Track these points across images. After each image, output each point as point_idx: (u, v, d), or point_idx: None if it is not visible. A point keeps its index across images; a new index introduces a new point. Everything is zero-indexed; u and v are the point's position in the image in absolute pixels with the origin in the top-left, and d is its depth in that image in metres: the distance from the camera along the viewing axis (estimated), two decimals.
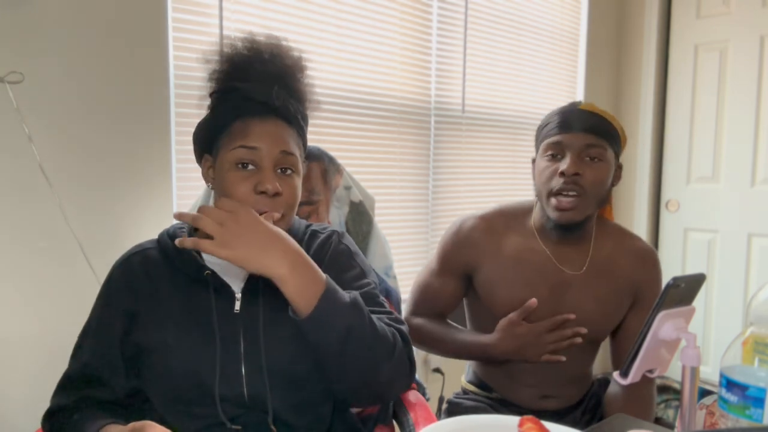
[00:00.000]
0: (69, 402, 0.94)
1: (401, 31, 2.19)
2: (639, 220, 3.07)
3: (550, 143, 1.21)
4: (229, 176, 0.91)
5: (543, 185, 1.22)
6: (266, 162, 0.91)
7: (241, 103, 0.93)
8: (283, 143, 0.92)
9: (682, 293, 0.79)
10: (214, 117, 0.96)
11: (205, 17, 1.70)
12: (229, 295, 0.93)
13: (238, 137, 0.91)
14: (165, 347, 0.90)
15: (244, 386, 0.90)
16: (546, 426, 0.79)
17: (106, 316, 0.96)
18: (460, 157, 2.47)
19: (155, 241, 1.01)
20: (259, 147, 0.90)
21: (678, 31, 2.91)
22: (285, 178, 0.93)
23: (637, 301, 1.27)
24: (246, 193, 0.90)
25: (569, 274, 1.25)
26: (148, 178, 1.62)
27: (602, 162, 1.19)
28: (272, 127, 0.92)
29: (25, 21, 1.40)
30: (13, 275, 1.43)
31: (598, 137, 1.18)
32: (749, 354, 0.73)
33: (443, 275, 1.36)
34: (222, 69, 0.96)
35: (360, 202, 1.44)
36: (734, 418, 0.72)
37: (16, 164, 1.41)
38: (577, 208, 1.17)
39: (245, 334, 0.91)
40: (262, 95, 0.92)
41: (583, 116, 1.19)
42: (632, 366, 0.80)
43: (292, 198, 0.94)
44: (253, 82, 0.93)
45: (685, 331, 0.79)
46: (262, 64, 0.94)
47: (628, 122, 3.10)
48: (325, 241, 1.02)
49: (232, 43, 0.96)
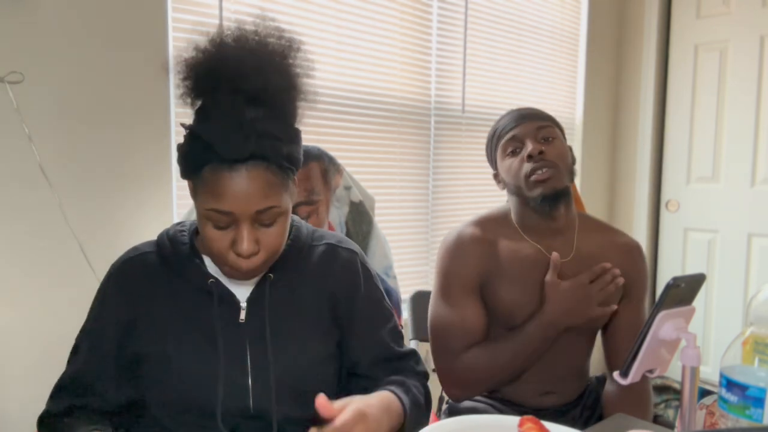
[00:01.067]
0: (60, 409, 0.92)
1: (401, 31, 2.19)
2: (639, 220, 3.07)
3: (507, 141, 1.29)
4: (207, 230, 0.84)
5: (515, 177, 1.27)
6: (242, 222, 0.82)
7: (208, 150, 0.79)
8: (258, 201, 0.80)
9: (682, 293, 0.79)
10: (184, 155, 0.84)
11: (205, 17, 1.70)
12: (233, 305, 0.90)
13: (209, 194, 0.80)
14: (164, 357, 0.88)
15: (251, 399, 0.88)
16: (546, 426, 0.79)
17: (100, 325, 0.93)
18: (460, 157, 2.47)
19: (153, 243, 0.96)
20: (231, 211, 0.80)
21: (678, 31, 2.91)
22: (265, 229, 0.84)
23: (626, 295, 1.29)
24: (222, 250, 0.84)
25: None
26: (148, 178, 1.62)
27: (556, 139, 1.28)
28: (245, 182, 0.79)
29: (25, 21, 1.40)
30: (13, 275, 1.43)
31: (545, 120, 1.30)
32: (749, 354, 0.73)
33: (467, 298, 1.27)
34: (185, 83, 0.83)
35: (360, 202, 1.44)
36: (734, 418, 0.72)
37: (16, 164, 1.41)
38: (555, 177, 1.23)
39: (251, 346, 0.89)
40: (227, 147, 0.78)
41: (525, 110, 1.32)
42: (632, 366, 0.80)
43: (274, 246, 0.86)
44: (221, 108, 0.79)
45: (685, 331, 0.79)
46: (237, 74, 0.79)
47: (628, 123, 3.10)
48: (349, 265, 1.00)
49: (198, 45, 0.82)
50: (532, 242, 1.28)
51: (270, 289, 0.92)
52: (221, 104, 0.80)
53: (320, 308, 0.96)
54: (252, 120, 0.79)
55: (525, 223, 1.30)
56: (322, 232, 1.03)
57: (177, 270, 0.91)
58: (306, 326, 0.94)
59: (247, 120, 0.79)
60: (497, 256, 1.27)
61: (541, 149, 1.23)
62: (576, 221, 1.32)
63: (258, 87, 0.79)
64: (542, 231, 1.28)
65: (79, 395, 0.92)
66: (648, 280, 1.35)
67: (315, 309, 0.95)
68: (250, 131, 0.78)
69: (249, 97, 0.79)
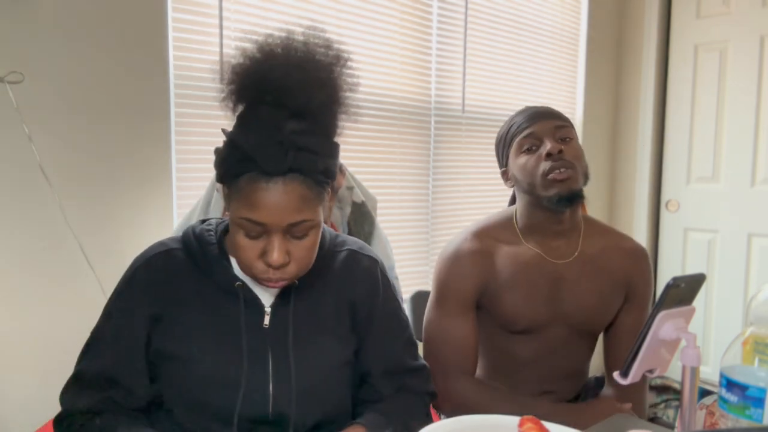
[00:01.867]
0: (91, 403, 0.89)
1: (401, 31, 2.19)
2: (639, 220, 3.07)
3: (523, 138, 1.26)
4: (238, 238, 0.84)
5: (531, 174, 1.24)
6: (274, 233, 0.82)
7: (247, 161, 0.80)
8: (292, 214, 0.81)
9: (682, 293, 0.79)
10: (222, 161, 0.84)
11: (205, 17, 1.70)
12: (258, 308, 0.91)
13: (244, 204, 0.81)
14: (189, 357, 0.88)
15: (270, 406, 0.88)
16: (546, 426, 0.79)
17: (129, 321, 0.90)
18: (460, 157, 2.47)
19: (179, 239, 0.95)
20: (264, 222, 0.81)
21: (678, 31, 2.91)
22: (297, 241, 0.84)
23: (630, 299, 1.29)
24: (253, 259, 0.84)
25: (561, 264, 1.26)
26: (148, 178, 1.62)
27: (573, 140, 1.26)
28: (280, 194, 0.80)
29: (25, 21, 1.40)
30: (13, 275, 1.43)
31: (562, 120, 1.28)
32: (749, 354, 0.73)
33: (461, 314, 1.26)
34: (230, 87, 0.83)
35: (362, 203, 1.44)
36: (734, 418, 0.72)
37: (16, 164, 1.41)
38: (573, 177, 1.22)
39: (273, 351, 0.89)
40: (267, 161, 0.78)
41: (542, 108, 1.30)
42: (632, 366, 0.80)
43: (305, 259, 0.87)
44: (262, 120, 0.80)
45: (685, 331, 0.79)
46: (282, 85, 0.79)
47: (628, 123, 3.10)
48: (369, 273, 1.01)
49: (244, 51, 0.82)
50: (533, 246, 1.27)
51: (294, 296, 0.92)
52: (263, 116, 0.80)
53: (341, 315, 0.96)
54: (292, 134, 0.79)
55: (530, 223, 1.28)
56: (343, 237, 1.04)
57: (205, 270, 0.91)
58: (326, 333, 0.94)
59: (287, 134, 0.79)
60: (496, 266, 1.26)
61: (561, 148, 1.21)
62: (581, 224, 1.31)
63: (301, 103, 0.79)
64: (546, 232, 1.27)
65: (105, 390, 0.89)
66: (653, 286, 1.33)
67: (335, 316, 0.96)
68: (289, 146, 0.79)
69: (292, 112, 0.80)
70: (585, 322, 1.27)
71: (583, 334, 1.28)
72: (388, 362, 1.00)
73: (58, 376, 0.97)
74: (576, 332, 1.26)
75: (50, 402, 1.00)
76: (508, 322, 1.26)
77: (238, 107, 0.84)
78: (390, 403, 0.98)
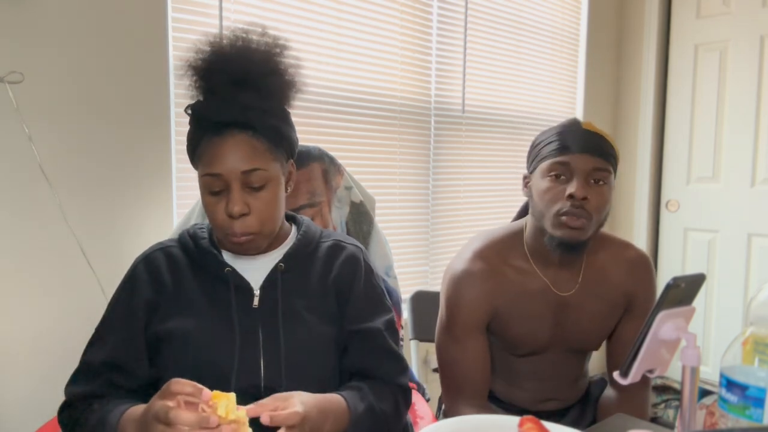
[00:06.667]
0: (93, 388, 0.94)
1: (401, 31, 2.19)
2: (639, 220, 3.07)
3: (555, 163, 1.17)
4: (205, 200, 0.95)
5: (546, 207, 1.17)
6: (232, 184, 0.91)
7: (201, 121, 0.93)
8: (244, 161, 0.91)
9: (682, 293, 0.79)
10: (188, 134, 0.97)
11: (205, 17, 1.70)
12: (247, 291, 0.98)
13: (203, 162, 0.93)
14: (186, 336, 0.94)
15: (262, 377, 0.93)
16: (546, 426, 0.79)
17: (131, 307, 0.98)
18: (460, 157, 2.47)
19: (176, 240, 1.05)
20: (220, 173, 0.91)
21: (678, 31, 2.91)
22: (255, 193, 0.93)
23: (630, 309, 1.29)
24: (219, 215, 0.93)
25: (565, 296, 1.25)
26: (148, 178, 1.62)
27: (606, 185, 1.17)
28: (230, 146, 0.91)
29: (25, 21, 1.40)
30: (13, 275, 1.43)
31: (604, 160, 1.17)
32: (749, 354, 0.73)
33: (472, 337, 1.24)
34: (189, 80, 0.95)
35: (361, 203, 1.44)
36: (734, 418, 0.72)
37: (16, 164, 1.41)
38: (584, 229, 1.15)
39: (263, 328, 0.96)
40: (212, 111, 0.91)
41: (587, 136, 1.17)
42: (632, 366, 0.80)
43: (265, 212, 0.94)
44: (214, 91, 0.92)
45: (685, 331, 0.79)
46: (225, 64, 0.92)
47: (628, 123, 3.10)
48: (352, 258, 1.06)
49: (197, 47, 0.95)
50: (539, 272, 1.25)
51: (281, 279, 0.99)
52: (212, 86, 0.93)
53: (326, 296, 1.02)
54: (234, 91, 0.90)
55: (538, 246, 1.24)
56: (330, 232, 1.12)
57: (197, 260, 1.00)
58: (313, 311, 1.00)
59: (230, 92, 0.90)
60: (505, 290, 1.24)
61: (586, 196, 1.14)
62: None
63: (241, 68, 0.91)
64: (552, 259, 1.24)
65: (113, 374, 0.95)
66: (656, 294, 1.29)
67: (322, 297, 1.02)
68: (233, 102, 0.90)
69: (234, 80, 0.91)
70: (584, 341, 1.29)
71: (571, 352, 1.30)
72: (370, 338, 1.03)
73: (58, 375, 0.97)
74: (565, 352, 1.29)
75: (50, 402, 1.00)
76: (510, 346, 1.28)
77: (199, 95, 0.95)
78: (362, 384, 1.00)
